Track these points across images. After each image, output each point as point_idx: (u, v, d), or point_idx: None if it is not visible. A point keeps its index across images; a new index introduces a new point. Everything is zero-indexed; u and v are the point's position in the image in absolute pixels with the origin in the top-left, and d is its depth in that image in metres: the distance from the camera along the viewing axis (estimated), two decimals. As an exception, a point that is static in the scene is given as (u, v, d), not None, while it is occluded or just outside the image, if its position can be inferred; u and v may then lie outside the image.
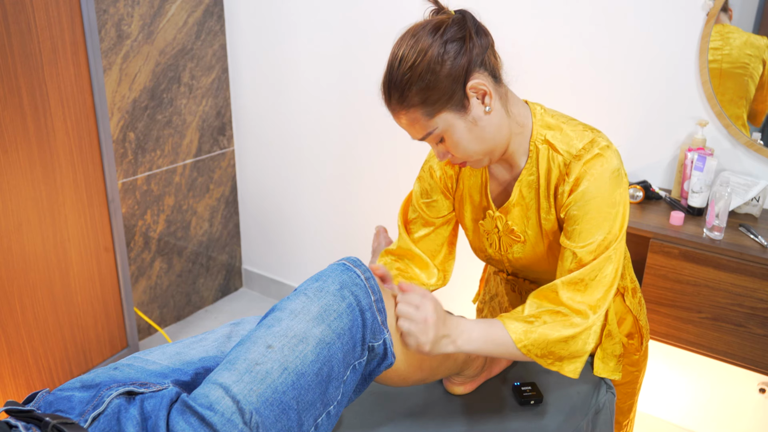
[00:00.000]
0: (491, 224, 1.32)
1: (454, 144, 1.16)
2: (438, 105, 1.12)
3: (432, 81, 1.10)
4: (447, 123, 1.14)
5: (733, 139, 1.96)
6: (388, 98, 1.16)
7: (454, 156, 1.19)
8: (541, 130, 1.21)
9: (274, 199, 3.00)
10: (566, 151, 1.18)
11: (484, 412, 1.28)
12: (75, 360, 2.31)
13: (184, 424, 0.90)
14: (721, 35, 1.91)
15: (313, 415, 0.99)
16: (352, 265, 1.09)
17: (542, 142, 1.21)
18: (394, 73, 1.14)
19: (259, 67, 2.80)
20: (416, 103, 1.12)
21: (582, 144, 1.17)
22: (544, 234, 1.26)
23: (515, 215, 1.27)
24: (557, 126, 1.21)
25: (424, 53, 1.12)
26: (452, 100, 1.12)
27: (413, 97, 1.12)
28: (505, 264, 1.38)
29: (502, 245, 1.33)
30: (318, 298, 1.03)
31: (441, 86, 1.11)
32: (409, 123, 1.17)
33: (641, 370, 1.52)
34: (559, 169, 1.19)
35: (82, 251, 2.25)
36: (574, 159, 1.16)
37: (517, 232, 1.28)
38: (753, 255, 1.69)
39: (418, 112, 1.13)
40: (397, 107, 1.15)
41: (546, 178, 1.21)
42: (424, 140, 1.18)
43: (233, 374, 0.94)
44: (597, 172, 1.15)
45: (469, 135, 1.15)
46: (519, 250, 1.31)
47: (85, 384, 0.99)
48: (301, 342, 0.98)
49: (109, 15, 2.35)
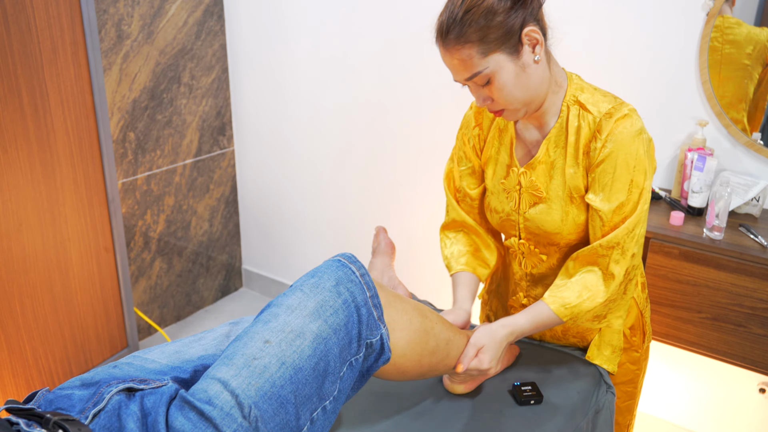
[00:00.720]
0: (514, 181, 1.36)
1: (499, 87, 1.20)
2: (493, 45, 1.17)
3: (491, 21, 1.15)
4: (498, 64, 1.18)
5: (733, 139, 1.96)
6: (445, 34, 1.18)
7: (495, 101, 1.24)
8: (574, 92, 1.28)
9: (274, 199, 3.00)
10: (596, 110, 1.25)
11: (484, 412, 1.28)
12: (75, 360, 2.31)
13: (183, 419, 0.90)
14: (722, 30, 1.90)
15: (310, 409, 1.00)
16: (347, 261, 1.10)
17: (574, 103, 1.28)
18: (456, 10, 1.17)
19: (259, 67, 2.81)
20: (473, 39, 1.16)
21: (611, 105, 1.25)
22: (566, 192, 1.31)
23: (540, 172, 1.32)
24: (589, 90, 1.29)
25: None
26: (507, 43, 1.17)
27: (472, 34, 1.16)
28: (520, 224, 1.40)
29: (522, 203, 1.37)
30: (314, 294, 1.04)
31: (499, 27, 1.16)
32: (461, 60, 1.19)
33: (642, 369, 1.52)
34: (589, 126, 1.26)
35: (82, 251, 2.25)
36: (605, 117, 1.24)
37: (540, 188, 1.33)
38: (753, 255, 1.69)
39: (473, 50, 1.17)
40: (453, 43, 1.17)
41: (576, 135, 1.28)
42: (469, 81, 1.21)
43: (231, 369, 0.95)
44: (626, 131, 1.22)
45: (516, 80, 1.21)
46: (539, 208, 1.35)
47: (84, 382, 0.99)
48: (298, 337, 0.99)
49: (109, 15, 2.35)
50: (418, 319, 1.18)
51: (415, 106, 2.48)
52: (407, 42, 2.41)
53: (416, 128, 2.50)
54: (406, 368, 1.17)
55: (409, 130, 2.52)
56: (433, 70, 2.39)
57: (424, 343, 1.18)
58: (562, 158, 1.30)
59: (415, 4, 2.36)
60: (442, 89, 2.39)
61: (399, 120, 2.53)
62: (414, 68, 2.43)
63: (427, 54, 2.39)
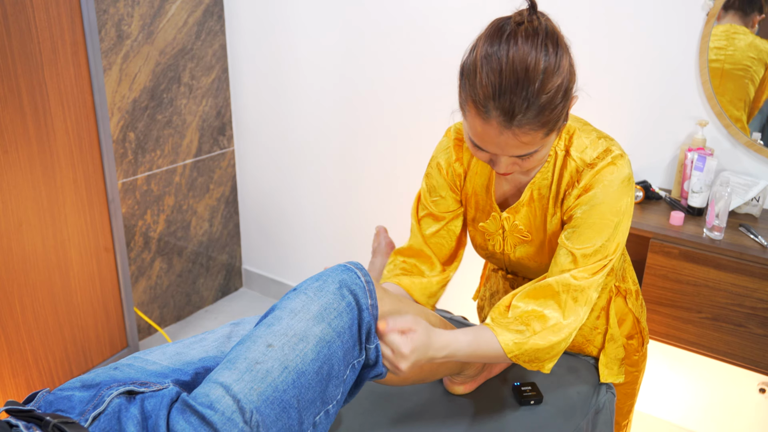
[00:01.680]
0: (496, 225, 1.31)
1: (536, 159, 1.11)
2: (557, 125, 1.06)
3: (564, 102, 1.04)
4: (547, 142, 1.09)
5: (733, 139, 1.96)
6: (513, 115, 1.01)
7: (519, 168, 1.13)
8: (564, 137, 1.21)
9: (274, 199, 3.00)
10: (580, 158, 1.18)
11: (484, 412, 1.28)
12: (75, 360, 2.31)
13: (184, 423, 0.90)
14: (727, 36, 1.91)
15: (313, 414, 0.99)
16: (354, 267, 1.09)
17: (562, 150, 1.20)
18: (534, 88, 1.00)
19: (259, 67, 2.80)
20: (545, 123, 1.03)
21: (596, 153, 1.17)
22: (546, 236, 1.27)
23: (523, 215, 1.27)
24: (578, 134, 1.20)
25: (562, 71, 1.02)
26: (563, 120, 1.08)
27: (546, 117, 1.02)
28: (506, 262, 1.38)
29: (507, 244, 1.32)
30: (318, 297, 1.03)
31: (566, 108, 1.06)
32: (524, 142, 1.05)
33: (641, 371, 1.52)
34: (570, 174, 1.19)
35: (82, 251, 2.25)
36: (587, 167, 1.16)
37: (524, 231, 1.28)
38: (753, 255, 1.69)
39: (541, 133, 1.04)
40: (523, 125, 1.02)
41: (557, 182, 1.21)
42: (508, 156, 1.09)
43: (234, 373, 0.94)
44: (607, 180, 1.15)
45: (548, 151, 1.13)
46: (523, 249, 1.31)
47: (85, 384, 0.98)
48: (302, 341, 0.98)
49: (109, 15, 2.35)
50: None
51: (414, 106, 2.47)
52: (407, 42, 2.41)
53: (416, 128, 2.50)
54: (405, 375, 1.16)
55: (409, 130, 2.52)
56: (433, 70, 2.39)
57: None
58: (545, 203, 1.25)
59: (415, 4, 2.36)
60: (441, 89, 2.39)
61: (399, 120, 2.53)
62: (414, 68, 2.43)
63: (427, 54, 2.39)
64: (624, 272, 1.42)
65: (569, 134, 1.21)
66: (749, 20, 1.88)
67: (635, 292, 1.45)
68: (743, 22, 1.89)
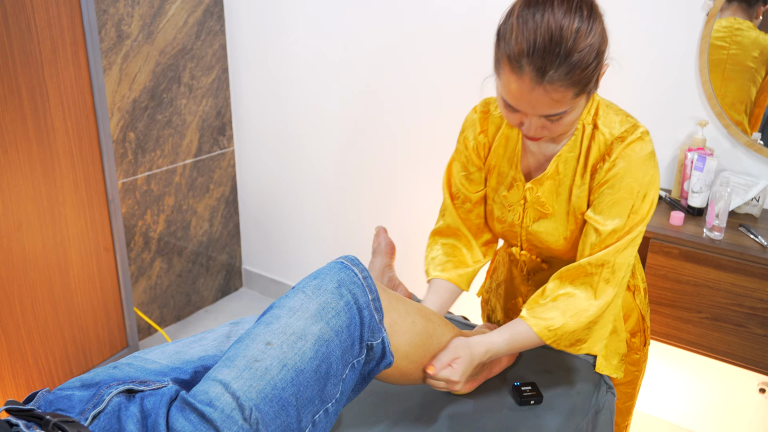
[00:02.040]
0: (518, 195, 1.33)
1: (564, 123, 1.16)
2: (587, 87, 1.11)
3: (595, 64, 1.09)
4: (576, 104, 1.13)
5: (733, 139, 1.96)
6: (545, 70, 1.06)
7: (548, 132, 1.17)
8: (590, 111, 1.25)
9: (274, 199, 3.00)
10: (609, 132, 1.22)
11: (484, 412, 1.28)
12: (75, 360, 2.31)
13: (183, 421, 0.90)
14: (730, 32, 1.89)
15: (312, 412, 0.99)
16: (350, 263, 1.09)
17: (589, 123, 1.24)
18: (567, 46, 1.05)
19: (259, 67, 2.80)
20: (576, 82, 1.08)
21: (624, 127, 1.21)
22: (570, 210, 1.28)
23: (546, 188, 1.29)
24: (603, 108, 1.25)
25: (596, 32, 1.08)
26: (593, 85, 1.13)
27: (577, 76, 1.07)
28: (522, 237, 1.38)
29: (527, 216, 1.34)
30: (316, 295, 1.03)
31: (597, 71, 1.11)
32: (551, 100, 1.09)
33: (641, 370, 1.52)
34: (599, 148, 1.22)
35: (82, 251, 2.25)
36: (616, 141, 1.20)
37: (546, 204, 1.30)
38: (753, 255, 1.69)
39: (571, 92, 1.09)
40: (554, 81, 1.06)
41: (585, 155, 1.24)
42: (539, 116, 1.13)
43: (233, 371, 0.94)
44: (635, 154, 1.19)
45: (577, 116, 1.17)
46: (542, 224, 1.32)
47: (84, 383, 0.99)
48: (300, 339, 0.98)
49: (109, 15, 2.35)
50: (421, 321, 1.17)
51: (415, 106, 2.48)
52: (407, 42, 2.41)
53: (416, 128, 2.50)
54: (408, 371, 1.17)
55: (410, 129, 2.52)
56: (434, 70, 2.39)
57: (427, 345, 1.17)
58: (570, 177, 1.27)
59: (415, 4, 2.36)
60: (442, 89, 2.39)
61: (399, 120, 2.53)
62: (414, 68, 2.43)
63: (427, 54, 2.39)
64: (634, 268, 1.44)
65: (596, 108, 1.24)
66: (753, 12, 1.86)
67: (643, 290, 1.47)
68: (747, 14, 1.87)
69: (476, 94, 2.31)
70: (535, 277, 1.44)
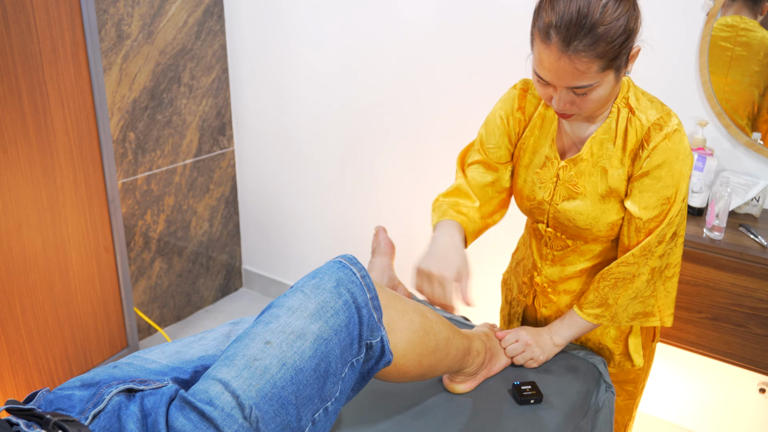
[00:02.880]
0: (552, 173, 1.36)
1: (591, 100, 1.19)
2: (613, 63, 1.15)
3: (624, 40, 1.13)
4: (605, 80, 1.17)
5: (733, 139, 1.96)
6: (571, 38, 1.11)
7: (576, 108, 1.22)
8: (625, 94, 1.28)
9: (274, 199, 3.00)
10: (645, 117, 1.25)
11: (484, 412, 1.28)
12: (75, 360, 2.31)
13: (183, 419, 0.90)
14: (735, 31, 1.88)
15: (311, 411, 1.00)
16: (348, 262, 1.09)
17: (624, 106, 1.27)
18: (593, 19, 1.10)
19: (259, 67, 2.81)
20: (602, 55, 1.12)
21: (659, 114, 1.25)
22: (604, 191, 1.31)
23: (581, 168, 1.32)
24: (637, 94, 1.29)
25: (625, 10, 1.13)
26: (621, 63, 1.17)
27: (603, 49, 1.12)
28: (550, 214, 1.39)
29: (557, 195, 1.36)
30: (315, 295, 1.03)
31: (626, 48, 1.15)
32: (576, 70, 1.14)
33: (644, 370, 1.53)
34: (636, 133, 1.26)
35: (82, 251, 2.25)
36: (653, 127, 1.24)
37: (578, 184, 1.33)
38: (753, 255, 1.69)
39: (596, 65, 1.13)
40: (581, 52, 1.12)
41: (623, 138, 1.28)
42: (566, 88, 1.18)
43: (232, 370, 0.95)
44: (674, 147, 1.23)
45: (608, 94, 1.20)
46: (572, 203, 1.34)
47: (85, 383, 0.99)
48: (299, 338, 0.99)
49: (109, 15, 2.35)
50: (418, 319, 1.18)
51: (415, 106, 2.48)
52: (408, 42, 2.41)
53: (416, 128, 2.50)
54: (406, 369, 1.17)
55: (410, 129, 2.52)
56: (434, 70, 2.39)
57: (425, 343, 1.18)
58: (606, 158, 1.30)
59: (416, 4, 2.36)
60: (442, 89, 2.40)
61: (399, 120, 2.53)
62: (414, 68, 2.43)
63: (427, 54, 2.39)
64: None
65: (630, 93, 1.28)
66: (759, 8, 1.83)
67: None
68: (752, 12, 1.85)
69: (477, 93, 2.31)
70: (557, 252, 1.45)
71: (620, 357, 1.48)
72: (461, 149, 1.53)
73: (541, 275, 1.48)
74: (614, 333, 1.45)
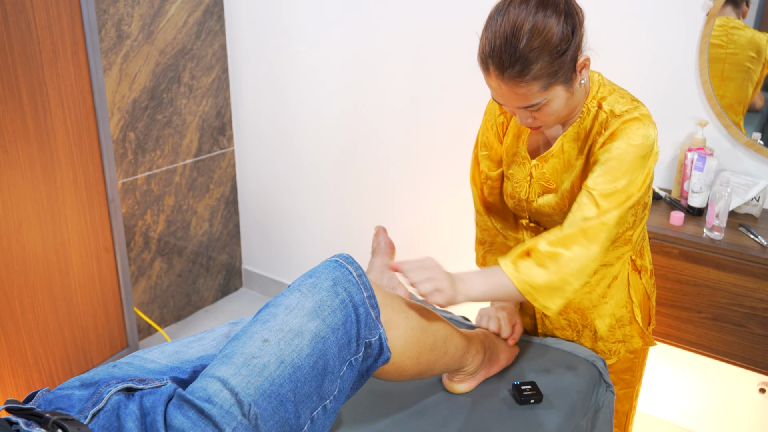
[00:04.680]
0: (524, 172, 1.38)
1: (549, 113, 1.21)
2: (555, 79, 1.17)
3: (557, 58, 1.14)
4: (554, 95, 1.19)
5: (733, 139, 1.96)
6: (504, 68, 1.14)
7: (540, 122, 1.24)
8: (596, 95, 1.29)
9: (274, 199, 3.00)
10: (610, 110, 1.26)
11: (484, 411, 1.28)
12: (75, 360, 2.31)
13: (182, 417, 0.90)
14: (725, 31, 1.90)
15: (310, 408, 1.00)
16: (345, 261, 1.10)
17: (595, 105, 1.29)
18: (520, 46, 1.12)
19: (259, 67, 2.81)
20: (538, 76, 1.14)
21: (625, 108, 1.25)
22: (572, 186, 1.33)
23: (551, 165, 1.34)
24: (609, 91, 1.30)
25: (551, 30, 1.13)
26: (567, 75, 1.18)
27: (537, 71, 1.14)
28: (530, 210, 1.42)
29: (532, 191, 1.39)
30: (312, 294, 1.04)
31: (563, 62, 1.15)
32: (518, 94, 1.17)
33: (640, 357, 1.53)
34: (600, 124, 1.27)
35: (82, 251, 2.25)
36: (615, 117, 1.24)
37: (550, 180, 1.35)
38: (753, 255, 1.69)
39: (535, 86, 1.15)
40: (515, 78, 1.14)
41: (587, 132, 1.29)
42: (519, 108, 1.20)
43: (231, 367, 0.95)
44: (631, 131, 1.21)
45: (565, 104, 1.22)
46: (547, 198, 1.37)
47: (84, 382, 0.99)
48: (297, 336, 0.99)
49: (109, 15, 2.35)
50: (416, 316, 1.18)
51: (415, 105, 2.48)
52: (408, 42, 2.41)
53: (416, 128, 2.50)
54: (404, 367, 1.17)
55: (410, 129, 2.52)
56: (434, 71, 2.39)
57: (422, 340, 1.18)
58: (573, 154, 1.32)
59: (416, 4, 2.36)
60: (442, 90, 2.39)
61: (399, 120, 2.53)
62: (414, 68, 2.43)
63: (427, 54, 2.39)
64: (642, 249, 1.47)
65: (602, 93, 1.29)
66: (740, 11, 1.90)
67: (650, 271, 1.50)
68: (735, 14, 1.90)
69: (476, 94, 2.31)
70: None
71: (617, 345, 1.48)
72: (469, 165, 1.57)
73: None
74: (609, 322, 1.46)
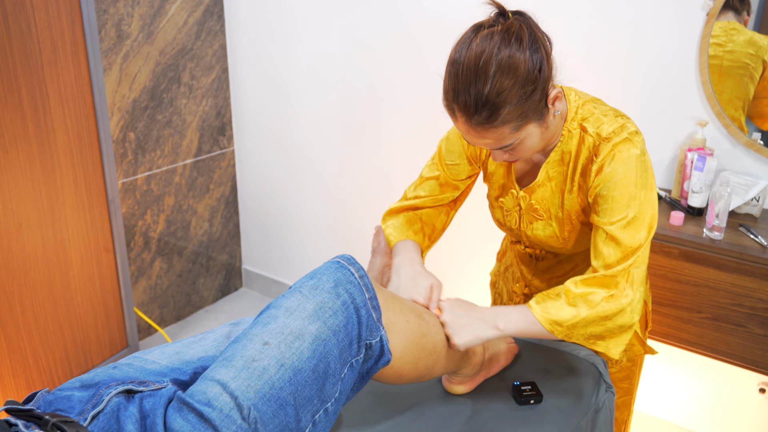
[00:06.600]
0: (513, 202, 1.35)
1: (524, 150, 1.17)
2: (526, 119, 1.12)
3: (525, 98, 1.09)
4: (528, 133, 1.15)
5: (733, 139, 1.96)
6: (471, 115, 1.09)
7: (516, 156, 1.19)
8: (575, 116, 1.24)
9: (274, 199, 3.00)
10: (596, 133, 1.21)
11: (484, 412, 1.28)
12: (75, 360, 2.31)
13: (182, 420, 0.90)
14: (725, 31, 1.91)
15: (311, 412, 0.99)
16: (346, 263, 1.09)
17: (576, 127, 1.24)
18: (485, 90, 1.07)
19: (259, 67, 2.80)
20: (508, 120, 1.10)
21: (612, 128, 1.20)
22: (565, 213, 1.29)
23: (539, 195, 1.31)
24: (590, 111, 1.23)
25: (518, 68, 1.07)
26: (538, 112, 1.13)
27: (506, 115, 1.09)
28: (523, 238, 1.41)
29: (523, 221, 1.36)
30: (313, 295, 1.03)
31: (532, 103, 1.10)
32: (491, 138, 1.13)
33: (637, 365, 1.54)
34: (588, 149, 1.22)
35: (82, 251, 2.25)
36: (604, 141, 1.19)
37: (540, 210, 1.32)
38: (753, 255, 1.69)
39: (507, 128, 1.11)
40: (483, 124, 1.10)
41: (575, 159, 1.24)
42: (492, 148, 1.16)
43: (231, 371, 0.94)
44: (624, 155, 1.17)
45: (539, 139, 1.18)
46: (540, 227, 1.34)
47: (84, 383, 0.98)
48: (297, 339, 0.98)
49: (109, 15, 2.35)
50: (415, 320, 1.17)
51: (415, 105, 2.48)
52: (407, 42, 2.41)
53: (417, 128, 2.50)
54: (403, 371, 1.16)
55: (410, 129, 2.52)
56: (434, 71, 2.39)
57: (421, 345, 1.17)
58: (561, 181, 1.28)
59: (416, 4, 2.36)
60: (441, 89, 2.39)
61: (399, 119, 2.53)
62: (414, 69, 2.43)
63: (427, 54, 2.39)
64: None
65: (582, 114, 1.23)
66: (741, 19, 1.91)
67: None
68: (737, 20, 1.91)
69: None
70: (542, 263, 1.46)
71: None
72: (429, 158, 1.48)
73: (530, 285, 1.49)
74: None
